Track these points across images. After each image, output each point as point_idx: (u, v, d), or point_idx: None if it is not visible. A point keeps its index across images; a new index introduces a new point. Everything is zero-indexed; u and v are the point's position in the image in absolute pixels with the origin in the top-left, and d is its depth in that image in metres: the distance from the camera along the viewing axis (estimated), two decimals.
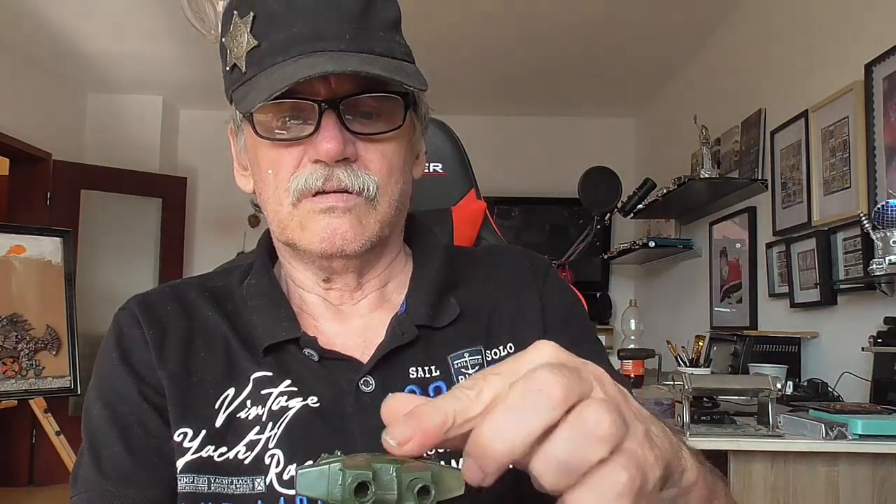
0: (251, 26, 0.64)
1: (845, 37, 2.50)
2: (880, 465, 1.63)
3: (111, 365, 0.67)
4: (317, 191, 0.64)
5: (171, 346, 0.67)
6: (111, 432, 0.64)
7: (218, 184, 5.05)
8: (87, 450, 0.65)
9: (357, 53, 0.63)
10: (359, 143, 0.65)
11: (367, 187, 0.65)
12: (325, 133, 0.62)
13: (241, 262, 0.79)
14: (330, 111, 0.63)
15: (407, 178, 0.70)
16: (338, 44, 0.62)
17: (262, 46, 0.63)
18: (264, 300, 0.70)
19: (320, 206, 0.65)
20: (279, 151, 0.65)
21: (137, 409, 0.64)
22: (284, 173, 0.65)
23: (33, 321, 2.97)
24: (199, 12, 2.71)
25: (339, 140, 0.62)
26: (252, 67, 0.64)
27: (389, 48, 0.65)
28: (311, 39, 0.62)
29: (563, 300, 0.75)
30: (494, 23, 3.73)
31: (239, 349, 0.67)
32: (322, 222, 0.65)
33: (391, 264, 0.74)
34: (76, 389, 3.01)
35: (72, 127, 4.84)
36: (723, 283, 3.45)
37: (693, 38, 3.80)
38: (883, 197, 2.15)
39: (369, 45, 0.64)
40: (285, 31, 0.63)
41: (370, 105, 0.65)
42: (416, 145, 0.73)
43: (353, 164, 0.64)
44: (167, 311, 0.69)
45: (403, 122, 0.66)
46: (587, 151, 4.70)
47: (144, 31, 3.92)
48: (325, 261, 0.68)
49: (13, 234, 3.06)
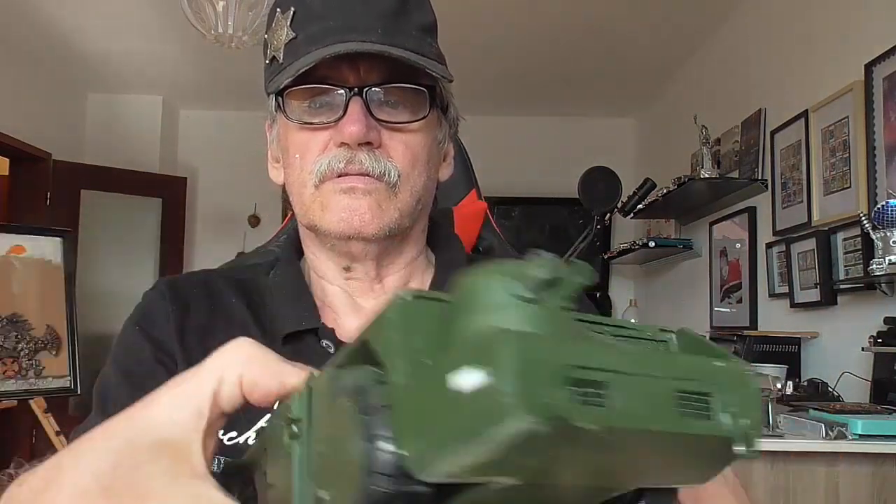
0: (291, 20, 0.67)
1: (845, 37, 2.50)
2: (880, 465, 1.63)
3: (131, 334, 0.69)
4: (339, 173, 0.66)
5: (191, 326, 0.69)
6: (122, 388, 0.65)
7: (218, 184, 5.05)
8: (94, 406, 0.66)
9: (387, 46, 0.65)
10: (383, 132, 0.67)
11: (388, 173, 0.67)
12: (351, 117, 0.65)
13: (265, 258, 0.81)
14: (356, 98, 0.66)
15: (431, 175, 0.72)
16: (369, 35, 0.65)
17: (298, 38, 0.67)
18: (287, 290, 0.72)
19: (341, 187, 0.67)
20: (307, 135, 0.68)
21: (152, 370, 0.66)
22: (310, 156, 0.68)
23: (33, 321, 2.97)
24: (199, 12, 2.71)
25: (364, 124, 0.65)
26: (288, 57, 0.67)
27: (419, 46, 0.68)
28: (343, 31, 0.65)
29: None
30: (494, 23, 3.73)
31: (258, 337, 0.68)
32: (342, 202, 0.67)
33: (412, 263, 0.75)
34: (76, 389, 3.01)
35: (72, 127, 4.83)
36: (723, 283, 3.45)
37: (693, 38, 3.80)
38: (883, 197, 2.15)
39: (399, 40, 0.66)
40: (321, 24, 0.66)
41: (396, 95, 0.68)
42: (442, 145, 0.76)
43: (377, 149, 0.67)
44: (193, 294, 0.72)
45: (428, 114, 0.69)
46: (587, 151, 4.69)
47: (144, 31, 3.91)
48: (343, 244, 0.69)
49: (13, 234, 3.05)
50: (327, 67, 0.66)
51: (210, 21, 2.71)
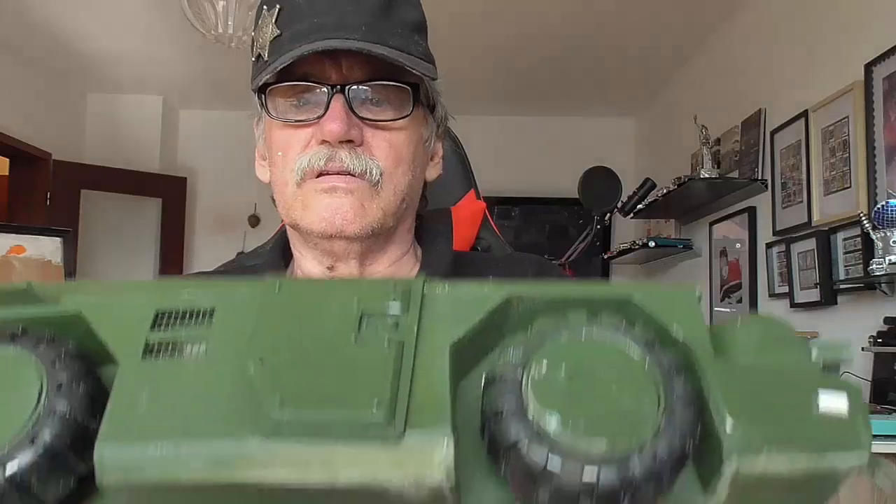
0: (276, 18, 0.67)
1: (845, 37, 2.50)
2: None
3: None
4: (320, 171, 0.66)
5: None
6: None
7: (218, 184, 5.05)
8: None
9: (370, 43, 0.65)
10: (366, 130, 0.67)
11: (370, 171, 0.66)
12: (332, 114, 0.65)
13: (263, 259, 0.81)
14: (338, 95, 0.65)
15: (417, 175, 0.71)
16: (353, 33, 0.65)
17: (283, 35, 0.66)
18: None
19: (322, 186, 0.66)
20: (289, 133, 0.68)
21: None
22: (292, 154, 0.68)
23: None
24: (199, 12, 2.71)
25: (345, 121, 0.64)
26: (273, 55, 0.67)
27: (405, 44, 0.67)
28: (328, 29, 0.65)
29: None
30: (494, 23, 3.72)
31: None
32: (324, 202, 0.66)
33: (397, 262, 0.74)
34: None
35: (72, 127, 4.83)
36: (723, 283, 3.45)
37: (693, 38, 3.80)
38: (883, 197, 2.15)
39: (384, 37, 0.66)
40: (306, 22, 0.66)
41: (380, 92, 0.67)
42: (429, 145, 0.75)
43: (358, 148, 0.66)
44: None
45: (412, 112, 0.68)
46: (587, 151, 4.69)
47: (144, 31, 3.91)
48: (326, 242, 0.69)
49: (13, 234, 3.05)
50: (310, 65, 0.66)
51: (210, 21, 2.71)
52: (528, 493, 0.28)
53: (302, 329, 0.30)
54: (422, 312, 0.31)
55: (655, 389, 0.29)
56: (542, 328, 0.31)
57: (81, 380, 0.30)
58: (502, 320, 0.33)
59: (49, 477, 0.28)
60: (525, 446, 0.27)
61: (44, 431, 0.28)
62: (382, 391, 0.28)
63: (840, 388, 0.30)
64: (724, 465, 0.28)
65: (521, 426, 0.28)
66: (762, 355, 0.31)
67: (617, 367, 0.29)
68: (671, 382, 0.29)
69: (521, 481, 0.28)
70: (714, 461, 0.29)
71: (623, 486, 0.27)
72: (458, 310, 0.32)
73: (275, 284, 0.32)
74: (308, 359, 0.29)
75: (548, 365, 0.29)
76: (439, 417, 0.28)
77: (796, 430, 0.29)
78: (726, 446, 0.28)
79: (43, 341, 0.31)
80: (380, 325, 0.31)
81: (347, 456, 0.27)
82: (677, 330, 0.31)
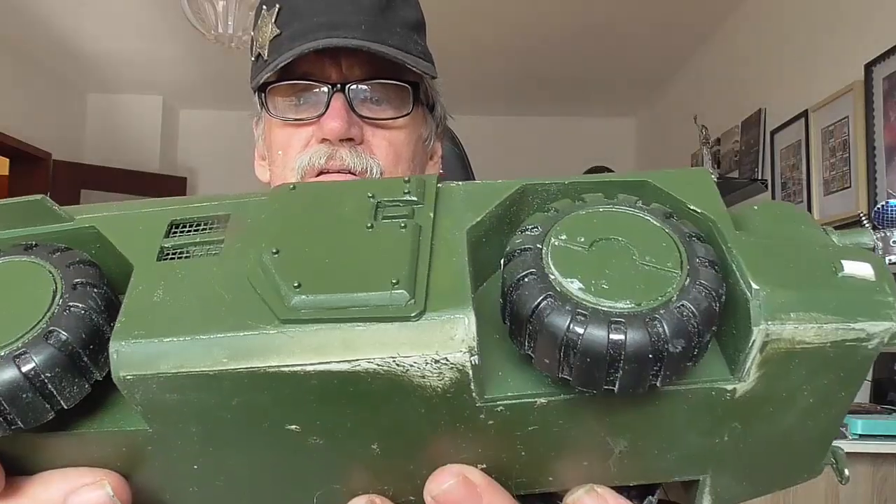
0: (276, 17, 0.67)
1: (845, 37, 2.50)
2: (880, 465, 1.63)
3: None
4: (321, 170, 0.66)
5: None
6: None
7: (218, 184, 5.04)
8: None
9: (369, 41, 0.65)
10: (366, 129, 0.67)
11: (370, 169, 0.66)
12: (332, 113, 0.65)
13: None
14: (338, 94, 0.66)
15: (416, 173, 0.71)
16: (352, 32, 0.65)
17: (282, 34, 0.66)
18: None
19: None
20: (289, 132, 0.68)
21: None
22: (292, 153, 0.68)
23: None
24: (199, 12, 2.71)
25: (345, 120, 0.64)
26: (272, 54, 0.67)
27: (404, 43, 0.67)
28: (328, 27, 0.65)
29: None
30: (494, 23, 3.72)
31: None
32: None
33: None
34: None
35: (72, 127, 4.83)
36: None
37: (693, 39, 3.80)
38: (883, 197, 2.15)
39: (383, 36, 0.66)
40: (305, 21, 0.66)
41: (380, 91, 0.67)
42: (428, 144, 0.75)
43: (359, 146, 0.66)
44: None
45: (411, 110, 0.68)
46: (587, 151, 4.69)
47: (144, 31, 3.91)
48: None
49: None
50: (310, 64, 0.66)
51: (210, 21, 2.71)
52: (553, 365, 0.27)
53: (317, 220, 0.30)
54: (437, 203, 0.31)
55: (678, 252, 0.28)
56: (559, 206, 0.31)
57: (96, 284, 0.29)
58: (519, 210, 0.32)
59: (64, 375, 0.27)
60: (548, 308, 0.26)
61: (59, 328, 0.27)
62: (401, 271, 0.27)
63: (864, 258, 0.30)
64: (752, 335, 0.27)
65: (541, 288, 0.27)
66: (782, 231, 0.31)
67: (637, 233, 0.29)
68: (692, 245, 0.29)
69: (546, 352, 0.27)
70: (741, 340, 0.28)
71: (652, 344, 0.26)
72: (474, 199, 0.32)
73: (288, 186, 0.33)
74: (324, 246, 0.29)
75: (567, 234, 0.29)
76: (460, 297, 0.27)
77: (824, 295, 0.28)
78: (753, 314, 0.27)
79: (58, 251, 0.31)
80: (395, 212, 0.31)
81: (368, 337, 0.26)
82: (696, 204, 0.31)
